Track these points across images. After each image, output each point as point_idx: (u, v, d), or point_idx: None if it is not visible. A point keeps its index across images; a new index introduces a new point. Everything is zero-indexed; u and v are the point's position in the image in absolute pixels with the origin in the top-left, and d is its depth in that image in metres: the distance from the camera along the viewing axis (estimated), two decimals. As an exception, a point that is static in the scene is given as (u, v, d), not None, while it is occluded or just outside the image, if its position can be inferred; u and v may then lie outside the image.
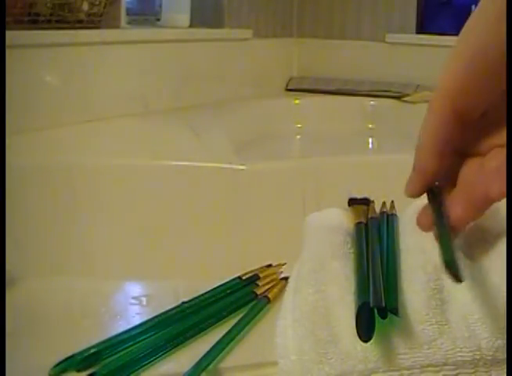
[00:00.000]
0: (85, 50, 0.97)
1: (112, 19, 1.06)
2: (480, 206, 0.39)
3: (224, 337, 0.38)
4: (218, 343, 0.37)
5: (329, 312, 0.36)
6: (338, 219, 0.47)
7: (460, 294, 0.36)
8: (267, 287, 0.44)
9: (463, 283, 0.37)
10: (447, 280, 0.37)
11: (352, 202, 0.49)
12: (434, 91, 0.43)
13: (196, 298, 0.43)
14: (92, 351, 0.36)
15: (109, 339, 0.38)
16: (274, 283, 0.45)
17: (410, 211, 0.47)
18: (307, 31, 1.55)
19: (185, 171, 0.77)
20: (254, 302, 0.42)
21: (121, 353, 0.37)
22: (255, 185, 0.79)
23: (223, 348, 0.37)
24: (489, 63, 0.39)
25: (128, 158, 0.81)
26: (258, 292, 0.43)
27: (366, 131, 1.36)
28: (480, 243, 0.42)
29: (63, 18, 0.95)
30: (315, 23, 1.55)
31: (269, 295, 0.43)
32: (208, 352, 0.36)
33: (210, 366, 0.36)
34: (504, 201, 0.45)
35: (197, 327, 0.39)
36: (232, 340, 0.38)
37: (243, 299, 0.43)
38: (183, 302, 0.42)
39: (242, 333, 0.39)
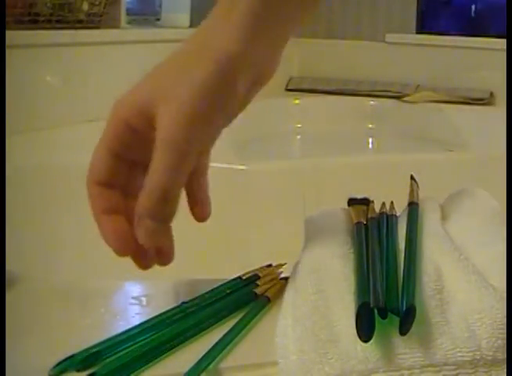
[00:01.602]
0: (85, 50, 0.97)
1: (112, 19, 1.07)
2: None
3: (224, 337, 0.38)
4: (217, 343, 0.37)
5: (329, 312, 0.36)
6: (338, 219, 0.47)
7: (460, 295, 0.36)
8: (267, 286, 0.44)
9: (463, 284, 0.37)
10: (447, 281, 0.37)
11: (352, 202, 0.49)
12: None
13: (196, 298, 0.43)
14: (92, 351, 0.36)
15: (109, 339, 0.38)
16: (274, 283, 0.45)
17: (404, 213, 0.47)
18: (307, 31, 1.55)
19: (185, 171, 0.77)
20: (254, 302, 0.42)
21: (121, 353, 0.37)
22: (255, 185, 0.79)
23: (223, 348, 0.37)
24: None
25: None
26: (258, 292, 0.43)
27: (366, 131, 1.36)
28: (479, 243, 0.42)
29: (63, 18, 0.95)
30: (315, 23, 1.55)
31: (269, 295, 0.43)
32: (208, 352, 0.36)
33: (211, 366, 0.36)
34: (504, 202, 0.45)
35: (197, 327, 0.39)
36: (232, 340, 0.38)
37: (243, 299, 0.43)
38: (183, 302, 0.42)
39: (242, 333, 0.39)
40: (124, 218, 0.42)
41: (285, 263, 0.47)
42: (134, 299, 0.45)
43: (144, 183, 0.39)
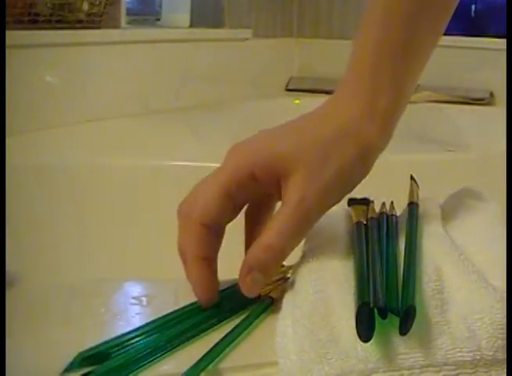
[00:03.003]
0: (85, 50, 0.97)
1: (112, 19, 1.07)
2: None
3: (225, 337, 0.38)
4: (218, 343, 0.37)
5: (329, 312, 0.36)
6: (338, 219, 0.47)
7: (460, 295, 0.36)
8: (270, 287, 0.44)
9: (463, 284, 0.37)
10: (447, 281, 0.37)
11: (352, 202, 0.49)
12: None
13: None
14: (93, 352, 0.36)
15: (110, 341, 0.37)
16: (278, 283, 0.45)
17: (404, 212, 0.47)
18: (307, 31, 1.55)
19: (185, 171, 0.77)
20: (257, 303, 0.42)
21: (119, 354, 0.37)
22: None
23: (224, 349, 0.37)
24: None
25: (128, 158, 0.82)
26: (262, 293, 0.43)
27: (366, 131, 1.35)
28: (479, 243, 0.42)
29: (63, 18, 0.95)
30: (315, 23, 1.55)
31: (273, 296, 0.43)
32: (208, 352, 0.36)
33: (210, 367, 0.36)
34: (504, 202, 0.45)
35: (198, 328, 0.39)
36: (233, 340, 0.38)
37: (245, 300, 0.42)
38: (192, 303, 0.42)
39: (244, 333, 0.39)
40: (211, 265, 0.42)
41: (284, 265, 0.47)
42: (134, 299, 0.45)
43: (261, 236, 0.41)
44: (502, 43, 1.21)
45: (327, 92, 1.44)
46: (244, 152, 0.43)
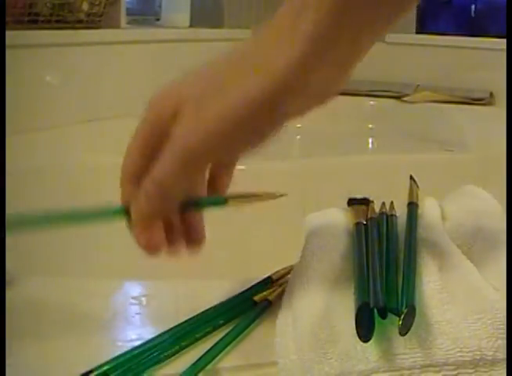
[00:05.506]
0: (85, 50, 0.97)
1: (112, 19, 1.07)
2: None
3: (223, 338, 0.38)
4: (216, 344, 0.37)
5: (329, 312, 0.36)
6: (338, 219, 0.47)
7: (460, 295, 0.36)
8: (269, 291, 0.44)
9: (463, 284, 0.37)
10: (447, 281, 0.37)
11: (352, 202, 0.49)
12: None
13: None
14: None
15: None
16: (274, 288, 0.44)
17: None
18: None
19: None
20: (255, 307, 0.42)
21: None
22: (254, 185, 0.79)
23: (222, 350, 0.37)
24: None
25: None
26: (260, 297, 0.43)
27: (366, 131, 1.36)
28: (479, 242, 0.42)
29: (63, 18, 0.95)
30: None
31: (270, 298, 0.43)
32: (206, 353, 0.36)
33: (209, 367, 0.36)
34: (504, 202, 0.45)
35: (193, 336, 0.39)
36: (231, 341, 0.38)
37: (243, 307, 0.42)
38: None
39: (241, 335, 0.39)
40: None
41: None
42: (134, 299, 0.45)
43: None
44: (502, 43, 1.21)
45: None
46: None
